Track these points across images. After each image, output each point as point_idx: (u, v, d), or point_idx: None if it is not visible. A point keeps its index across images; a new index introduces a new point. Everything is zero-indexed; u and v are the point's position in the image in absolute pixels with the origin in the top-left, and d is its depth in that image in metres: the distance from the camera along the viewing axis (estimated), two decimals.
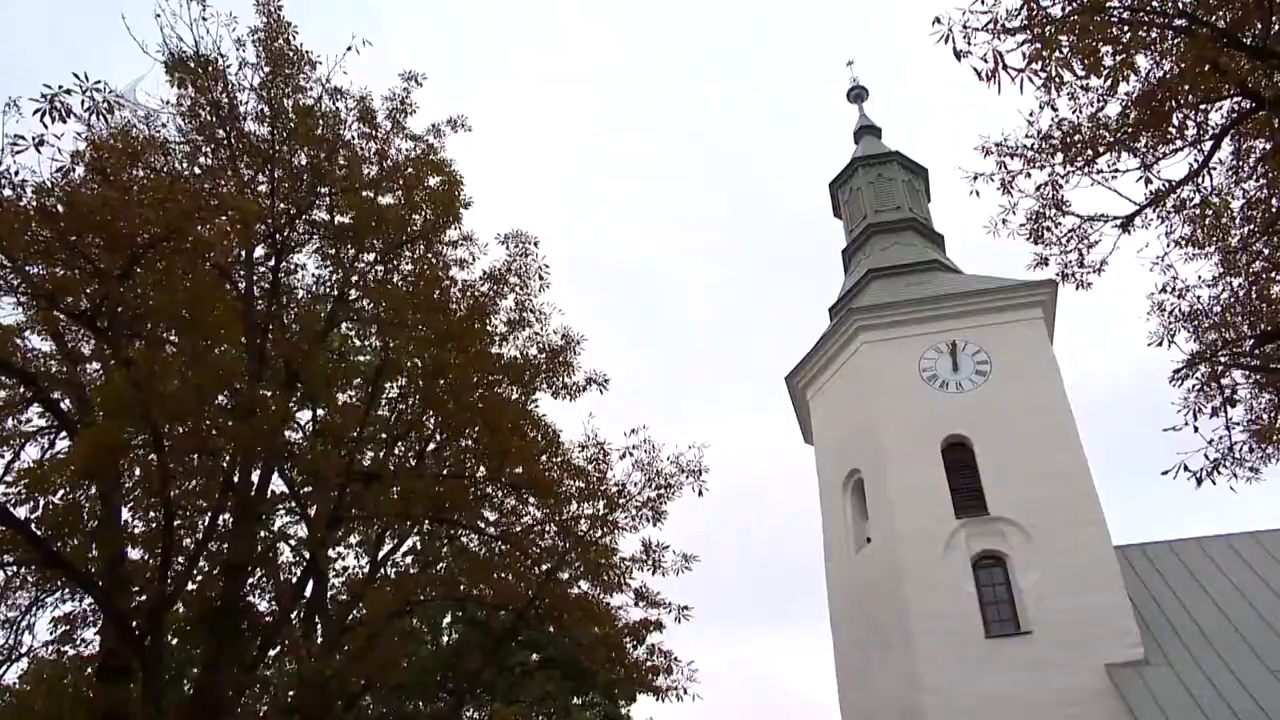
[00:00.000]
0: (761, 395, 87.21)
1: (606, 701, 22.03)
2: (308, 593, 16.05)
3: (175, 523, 14.51)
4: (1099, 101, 10.29)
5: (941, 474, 23.98)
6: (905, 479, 24.06)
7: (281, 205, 15.07)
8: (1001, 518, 23.11)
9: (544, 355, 17.27)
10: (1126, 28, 9.48)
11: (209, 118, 15.27)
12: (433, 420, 16.51)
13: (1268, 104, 9.84)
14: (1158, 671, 20.57)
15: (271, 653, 17.65)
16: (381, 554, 17.88)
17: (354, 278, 15.92)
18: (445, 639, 21.83)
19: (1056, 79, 9.69)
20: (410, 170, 15.67)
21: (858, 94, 35.31)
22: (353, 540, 18.05)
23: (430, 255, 16.10)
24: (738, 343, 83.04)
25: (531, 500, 17.17)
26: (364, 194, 15.33)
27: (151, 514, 15.13)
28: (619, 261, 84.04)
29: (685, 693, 19.15)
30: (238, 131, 15.22)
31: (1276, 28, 9.75)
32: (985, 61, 9.64)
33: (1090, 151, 10.68)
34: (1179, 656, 21.05)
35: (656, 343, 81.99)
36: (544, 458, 16.58)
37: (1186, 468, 11.73)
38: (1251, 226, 11.46)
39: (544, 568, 17.35)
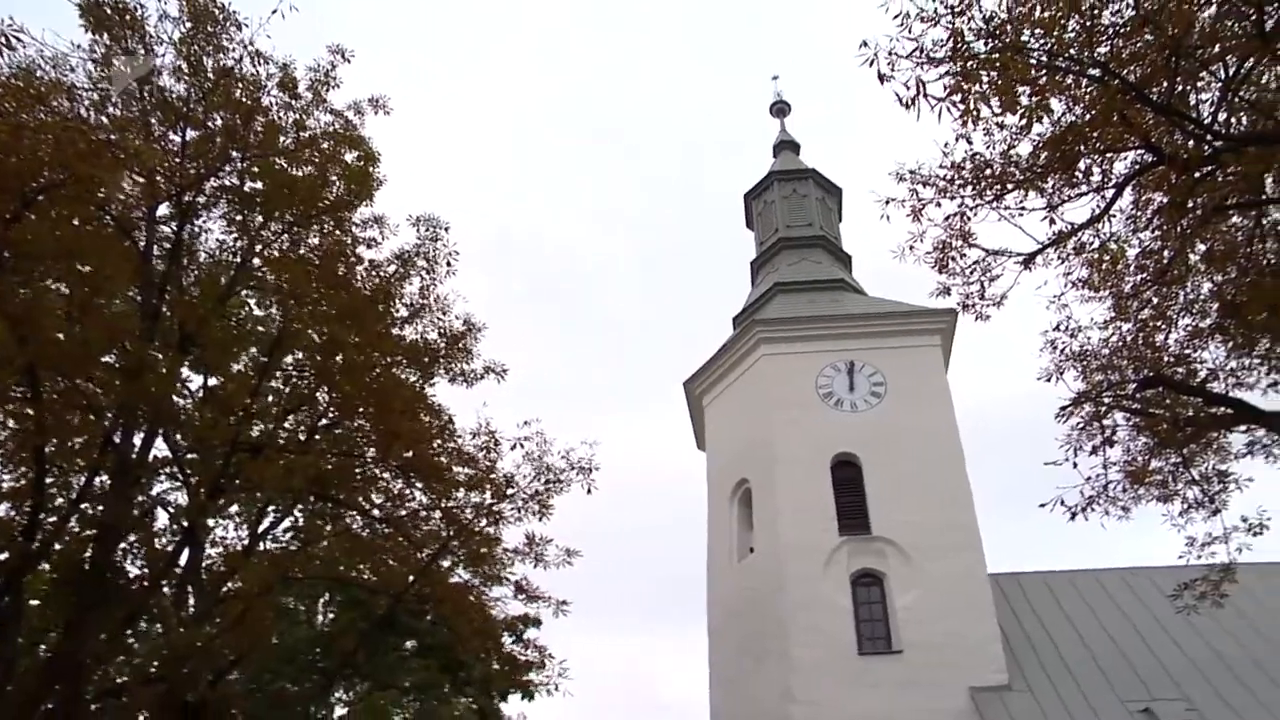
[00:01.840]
0: (661, 398, 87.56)
1: (481, 696, 21.88)
2: (182, 561, 15.65)
3: (48, 480, 14.04)
4: (1012, 139, 10.52)
5: (829, 490, 24.35)
6: (793, 492, 24.36)
7: (191, 166, 14.65)
8: (883, 538, 23.55)
9: (444, 340, 17.09)
10: (1044, 71, 9.73)
11: (123, 69, 14.78)
12: (326, 396, 16.24)
13: (1167, 159, 10.18)
14: (1019, 697, 21.20)
15: (140, 621, 17.24)
16: (262, 528, 17.52)
17: (259, 246, 15.56)
18: (320, 619, 21.48)
19: (974, 113, 9.91)
20: (327, 144, 15.38)
21: (780, 108, 35.70)
22: (233, 511, 17.67)
23: (339, 231, 15.82)
24: (643, 343, 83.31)
25: (419, 484, 16.99)
26: (278, 163, 14.99)
27: (23, 469, 14.62)
28: (534, 252, 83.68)
29: (556, 689, 19.19)
30: (152, 85, 14.77)
31: (1180, 88, 10.12)
32: (907, 88, 9.84)
33: (1000, 187, 10.91)
34: (1040, 684, 21.72)
35: (562, 335, 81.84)
36: (435, 443, 16.42)
37: (1063, 502, 12.10)
38: (1144, 275, 11.86)
39: (426, 553, 17.20)
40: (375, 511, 17.20)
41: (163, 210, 15.24)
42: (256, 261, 15.67)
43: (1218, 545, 12.37)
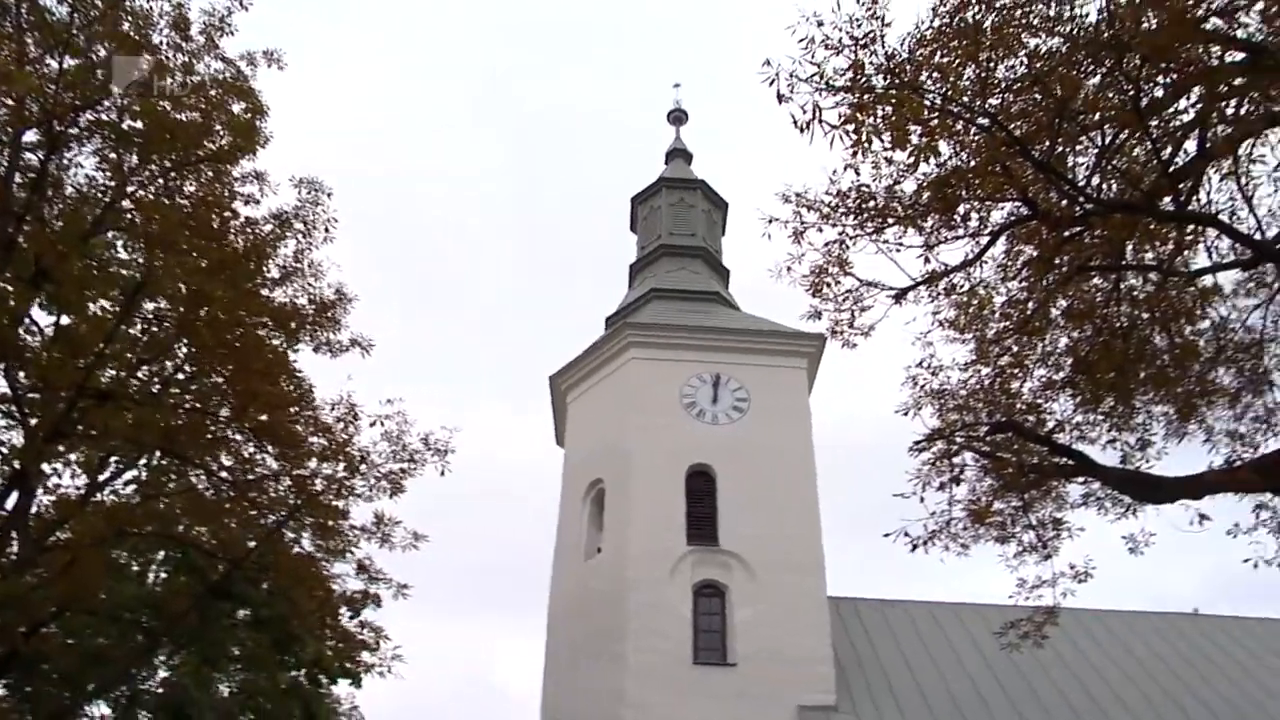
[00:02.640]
0: (526, 389, 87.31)
1: (309, 682, 21.45)
2: (9, 505, 14.95)
3: None
4: (898, 176, 10.73)
5: (681, 499, 24.59)
6: (645, 497, 24.53)
7: (67, 95, 14.00)
8: (729, 551, 23.88)
9: (313, 307, 16.70)
10: (937, 114, 9.98)
11: None
12: (185, 350, 15.73)
13: (1041, 215, 10.55)
14: (843, 719, 21.70)
15: None
16: (102, 478, 16.88)
17: (132, 188, 14.97)
18: (152, 578, 20.74)
19: (865, 144, 10.08)
20: (215, 92, 14.89)
21: (677, 116, 35.95)
22: (72, 458, 16.94)
23: (218, 183, 15.32)
24: (513, 332, 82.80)
25: (271, 450, 16.55)
26: (161, 104, 14.44)
27: None
28: (414, 229, 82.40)
29: (390, 671, 18.93)
30: (31, 3, 14.08)
31: (1060, 149, 10.51)
32: (804, 112, 9.97)
33: (881, 220, 11.11)
34: (865, 708, 22.31)
35: (432, 316, 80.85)
36: (293, 409, 16.04)
37: (907, 534, 12.42)
38: (1007, 324, 12.23)
39: (272, 520, 16.78)
40: (223, 473, 16.69)
41: (30, 137, 14.57)
42: (127, 203, 15.06)
43: (1045, 589, 12.81)
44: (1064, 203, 10.58)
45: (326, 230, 16.41)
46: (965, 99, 10.08)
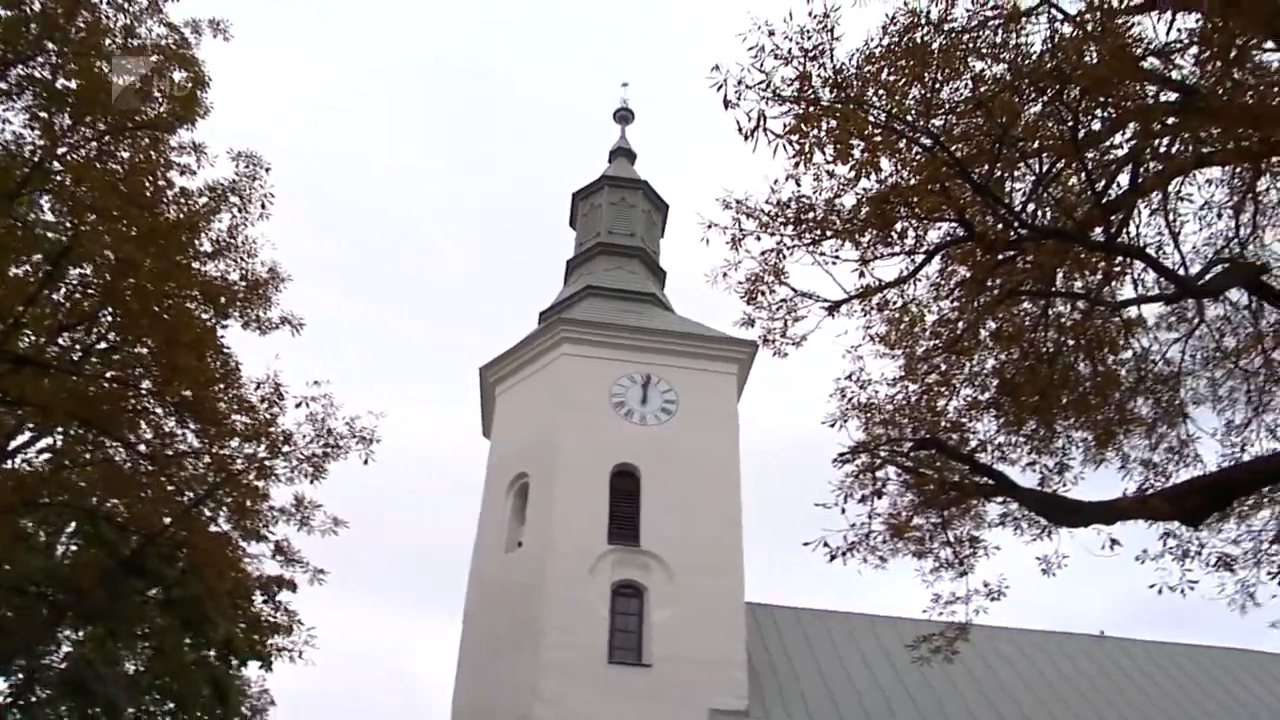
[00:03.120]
0: (456, 378, 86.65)
1: (219, 662, 21.12)
2: None
3: None
4: (839, 189, 10.80)
5: (605, 497, 24.60)
6: (569, 494, 24.50)
7: None
8: (650, 552, 23.93)
9: (245, 283, 16.42)
10: (881, 130, 10.07)
11: None
12: (110, 319, 15.37)
13: (976, 236, 10.70)
14: None
15: None
16: (13, 445, 16.45)
17: (63, 149, 14.58)
18: (61, 550, 20.27)
19: (808, 155, 10.14)
20: (156, 57, 14.56)
21: (624, 115, 36.02)
22: None
23: (154, 151, 14.98)
24: (446, 320, 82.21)
25: (193, 426, 16.27)
26: (98, 65, 14.07)
27: None
28: (357, 210, 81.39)
29: (300, 655, 18.72)
30: None
31: (999, 174, 10.68)
32: (749, 119, 10.01)
33: (819, 232, 11.16)
34: (776, 713, 22.49)
35: (364, 298, 79.97)
36: (218, 386, 15.76)
37: (826, 543, 12.49)
38: (937, 342, 12.38)
39: (189, 497, 16.49)
40: (141, 446, 16.37)
41: None
42: (57, 165, 14.67)
43: (959, 605, 12.97)
44: (999, 227, 10.72)
45: (263, 206, 16.16)
46: (909, 118, 10.18)
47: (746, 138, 10.03)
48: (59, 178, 14.84)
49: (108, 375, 15.72)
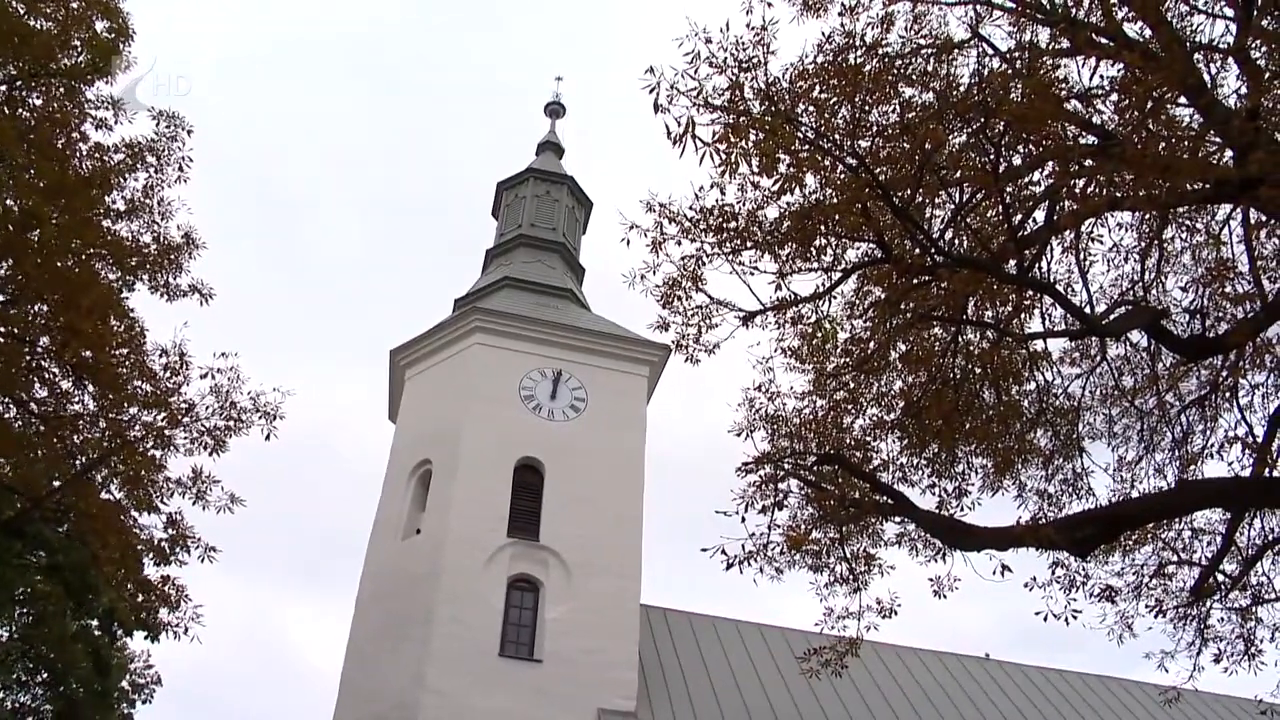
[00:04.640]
0: (369, 359, 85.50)
1: (103, 632, 20.54)
2: None
3: None
4: (762, 201, 10.88)
5: (507, 490, 24.46)
6: (471, 484, 24.30)
7: None
8: (548, 548, 23.85)
9: (157, 247, 15.98)
10: (807, 146, 10.15)
11: None
12: (6, 271, 14.84)
13: (893, 259, 10.85)
14: None
15: None
16: None
17: None
18: None
19: (734, 165, 10.19)
20: (77, 4, 14.10)
21: (555, 109, 35.95)
22: None
23: (69, 101, 14.51)
24: (359, 300, 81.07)
25: (90, 388, 15.78)
26: (11, 5, 13.58)
27: None
28: (278, 181, 79.78)
29: (186, 632, 18.26)
30: None
31: (920, 199, 10.84)
32: (679, 124, 10.03)
33: (739, 242, 11.22)
34: (664, 716, 22.53)
35: (277, 273, 78.55)
36: (120, 351, 15.31)
37: (724, 551, 12.54)
38: (847, 360, 12.54)
39: (81, 461, 15.99)
40: (34, 405, 15.84)
41: None
42: None
43: (851, 620, 13.12)
44: (917, 251, 10.87)
45: (181, 169, 15.76)
46: (837, 137, 10.29)
47: (675, 143, 10.05)
48: None
49: (2, 330, 15.17)
